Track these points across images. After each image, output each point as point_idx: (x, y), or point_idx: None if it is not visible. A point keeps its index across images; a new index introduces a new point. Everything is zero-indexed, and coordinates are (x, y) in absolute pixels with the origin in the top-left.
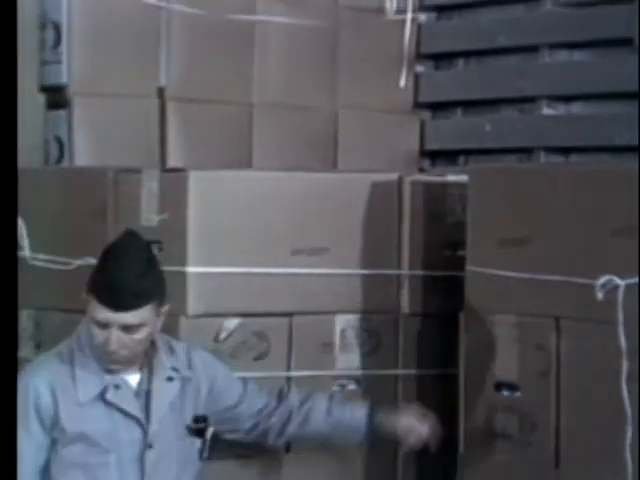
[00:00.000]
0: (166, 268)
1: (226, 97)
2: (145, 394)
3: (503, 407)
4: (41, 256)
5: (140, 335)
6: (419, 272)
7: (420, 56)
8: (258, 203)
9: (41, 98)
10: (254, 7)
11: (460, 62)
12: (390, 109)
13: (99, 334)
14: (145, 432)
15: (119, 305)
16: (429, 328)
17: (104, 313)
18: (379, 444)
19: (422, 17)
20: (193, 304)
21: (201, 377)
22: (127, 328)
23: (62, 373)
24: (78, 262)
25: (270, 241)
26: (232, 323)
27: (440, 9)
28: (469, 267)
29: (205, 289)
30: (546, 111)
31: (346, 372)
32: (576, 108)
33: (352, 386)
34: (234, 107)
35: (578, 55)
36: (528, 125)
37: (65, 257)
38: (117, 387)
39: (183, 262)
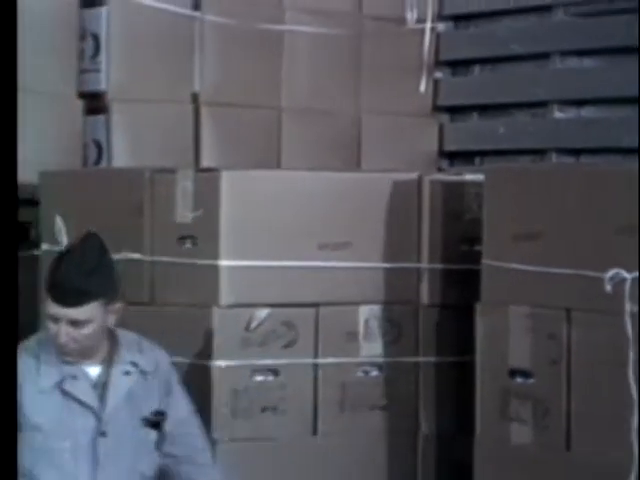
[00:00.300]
0: (199, 262)
1: (256, 102)
2: (102, 385)
3: (517, 393)
4: None
5: (87, 330)
6: (438, 266)
7: (439, 63)
8: (286, 201)
9: (80, 104)
10: (283, 17)
11: (476, 69)
12: (410, 113)
13: (52, 327)
14: (99, 421)
15: (65, 301)
16: (447, 318)
17: (54, 308)
18: (400, 425)
19: (441, 26)
20: (225, 295)
21: (163, 379)
22: (75, 323)
23: (28, 363)
24: (116, 257)
25: (297, 236)
26: (262, 313)
27: (457, 19)
28: (485, 261)
29: (236, 281)
30: (558, 115)
31: (369, 359)
32: (586, 112)
33: (375, 372)
34: (264, 111)
35: (588, 62)
36: (540, 128)
37: None
38: (74, 378)
39: (216, 256)
